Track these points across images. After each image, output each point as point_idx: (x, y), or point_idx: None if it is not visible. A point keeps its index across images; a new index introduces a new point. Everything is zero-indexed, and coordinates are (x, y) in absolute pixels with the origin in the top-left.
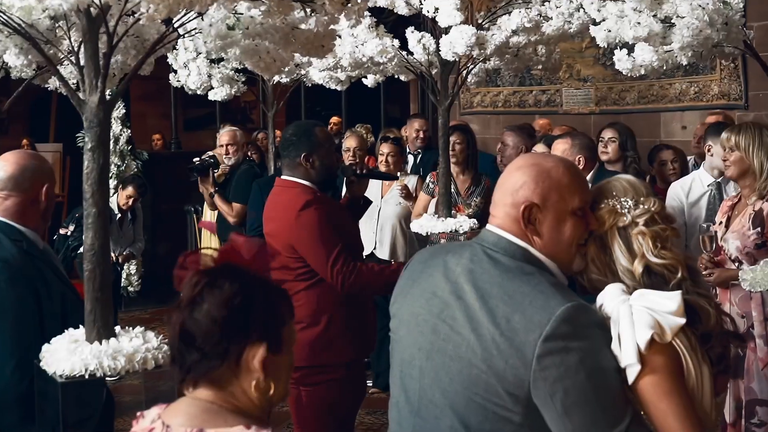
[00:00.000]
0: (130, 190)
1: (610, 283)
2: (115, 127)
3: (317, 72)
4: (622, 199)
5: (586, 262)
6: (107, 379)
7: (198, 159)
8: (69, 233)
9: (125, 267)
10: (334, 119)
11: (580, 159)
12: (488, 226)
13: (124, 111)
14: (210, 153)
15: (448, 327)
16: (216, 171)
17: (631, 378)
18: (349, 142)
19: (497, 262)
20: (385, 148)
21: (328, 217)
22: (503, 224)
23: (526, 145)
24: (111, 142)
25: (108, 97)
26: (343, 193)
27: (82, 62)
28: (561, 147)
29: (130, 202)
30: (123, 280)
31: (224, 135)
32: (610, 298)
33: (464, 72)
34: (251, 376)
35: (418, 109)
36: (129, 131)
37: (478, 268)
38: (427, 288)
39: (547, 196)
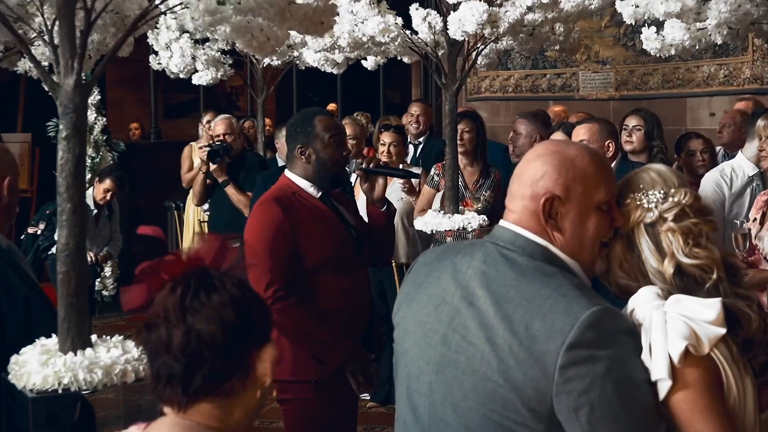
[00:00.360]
0: (108, 183)
1: (641, 287)
2: (90, 115)
3: (312, 53)
4: (649, 192)
5: (608, 264)
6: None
7: (208, 144)
8: (39, 232)
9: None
10: (330, 106)
11: (610, 145)
12: (503, 222)
13: (99, 97)
14: (217, 139)
15: (460, 337)
16: (227, 158)
17: (662, 394)
18: None
19: (514, 263)
20: (386, 137)
21: (277, 225)
22: (520, 219)
23: (541, 134)
24: None
25: (84, 81)
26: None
27: (56, 41)
28: (585, 132)
29: (108, 197)
30: (97, 283)
31: (219, 124)
32: (643, 303)
33: (473, 53)
34: (259, 383)
35: (421, 94)
36: (104, 119)
37: (492, 270)
38: (434, 294)
39: (570, 187)
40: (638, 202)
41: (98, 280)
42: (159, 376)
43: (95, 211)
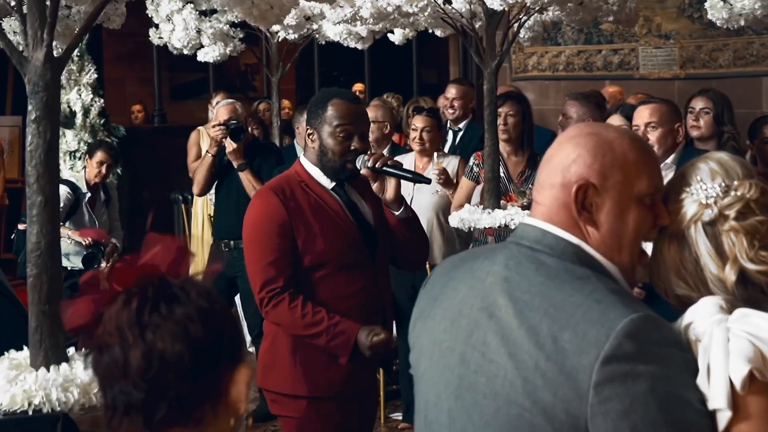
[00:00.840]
0: (99, 154)
1: (702, 297)
2: (85, 95)
3: (332, 26)
4: (708, 185)
5: (663, 271)
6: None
7: (224, 122)
8: None
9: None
10: (357, 86)
11: (679, 129)
12: (527, 219)
13: (96, 76)
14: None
15: (479, 354)
16: (242, 138)
17: (721, 425)
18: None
19: (541, 265)
20: (418, 122)
21: (274, 218)
22: (548, 213)
23: (594, 118)
24: (80, 114)
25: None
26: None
27: (24, 9)
28: (651, 113)
29: (104, 170)
30: None
31: (222, 110)
32: (703, 317)
33: (515, 25)
34: (232, 409)
35: (460, 73)
36: (102, 101)
37: (515, 276)
38: (450, 307)
39: (607, 174)
40: (695, 197)
41: None
42: (115, 406)
43: (88, 195)
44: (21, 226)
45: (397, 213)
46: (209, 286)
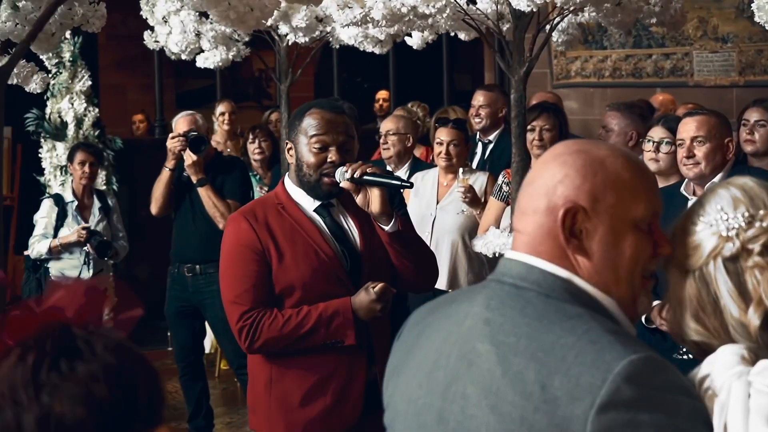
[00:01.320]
0: (79, 155)
1: (723, 344)
2: (78, 104)
3: (345, 29)
4: (729, 215)
5: (677, 313)
6: None
7: (184, 133)
8: None
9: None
10: (381, 94)
11: (729, 144)
12: (509, 253)
13: (90, 83)
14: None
15: (459, 409)
16: (203, 150)
17: None
18: (384, 125)
19: (527, 304)
20: (443, 135)
21: (245, 245)
22: (532, 244)
23: (638, 131)
24: (72, 125)
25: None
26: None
27: None
28: (699, 126)
29: (87, 170)
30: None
31: (181, 121)
32: (721, 368)
33: (547, 27)
34: None
35: (495, 79)
36: (97, 110)
37: (498, 317)
38: (425, 359)
39: (599, 196)
40: (714, 229)
41: None
42: None
43: (75, 203)
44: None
45: (386, 228)
46: (121, 337)
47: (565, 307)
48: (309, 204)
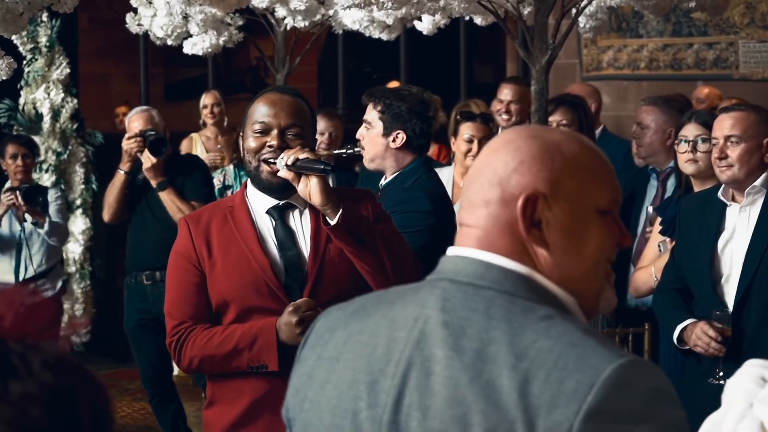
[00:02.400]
0: (9, 148)
1: None
2: (55, 95)
3: (348, 12)
4: None
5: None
6: None
7: (141, 132)
8: None
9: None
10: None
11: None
12: (458, 250)
13: (69, 71)
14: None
15: (416, 423)
16: (164, 152)
17: None
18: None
19: (491, 305)
20: (471, 130)
21: (182, 253)
22: (487, 239)
23: (676, 127)
24: (48, 117)
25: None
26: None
27: None
28: (734, 123)
29: (20, 162)
30: (62, 324)
31: (136, 118)
32: (735, 386)
33: (573, 12)
34: None
35: (518, 70)
36: (75, 101)
37: (458, 320)
38: (361, 368)
39: (559, 181)
40: None
41: (65, 319)
42: None
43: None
44: None
45: (332, 222)
46: (62, 352)
47: (533, 308)
48: (264, 205)
